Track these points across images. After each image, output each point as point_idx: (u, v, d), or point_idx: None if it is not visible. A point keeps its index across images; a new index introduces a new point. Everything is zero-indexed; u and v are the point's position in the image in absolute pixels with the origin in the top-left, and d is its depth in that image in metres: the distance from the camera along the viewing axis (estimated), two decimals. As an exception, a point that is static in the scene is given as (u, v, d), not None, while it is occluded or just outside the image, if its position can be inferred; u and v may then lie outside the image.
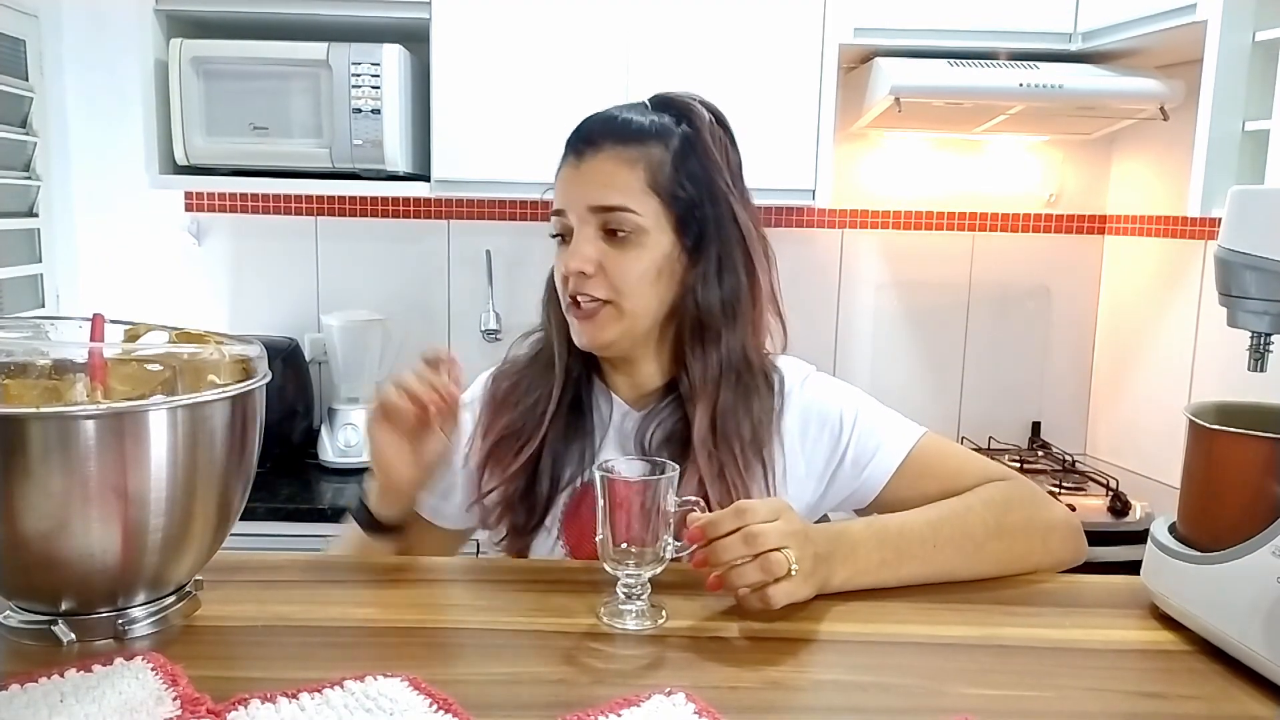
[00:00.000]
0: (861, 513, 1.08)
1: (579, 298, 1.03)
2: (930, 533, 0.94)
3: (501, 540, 1.09)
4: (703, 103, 1.08)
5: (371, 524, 1.04)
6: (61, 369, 0.82)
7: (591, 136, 1.04)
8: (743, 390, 1.06)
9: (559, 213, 1.05)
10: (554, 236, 1.07)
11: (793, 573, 0.82)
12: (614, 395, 1.11)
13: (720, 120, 1.08)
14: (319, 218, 2.42)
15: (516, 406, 1.09)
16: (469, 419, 1.11)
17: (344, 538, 1.07)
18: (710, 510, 0.86)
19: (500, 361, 1.16)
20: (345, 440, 2.23)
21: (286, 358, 2.23)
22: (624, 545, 0.83)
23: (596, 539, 0.84)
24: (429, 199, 2.39)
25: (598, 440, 1.09)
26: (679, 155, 1.04)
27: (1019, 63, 2.01)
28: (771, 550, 0.82)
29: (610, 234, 1.02)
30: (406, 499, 1.04)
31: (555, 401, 1.07)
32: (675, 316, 1.06)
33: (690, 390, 1.05)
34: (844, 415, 1.08)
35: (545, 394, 1.08)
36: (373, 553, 1.04)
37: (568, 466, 1.07)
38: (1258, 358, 0.80)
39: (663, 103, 1.08)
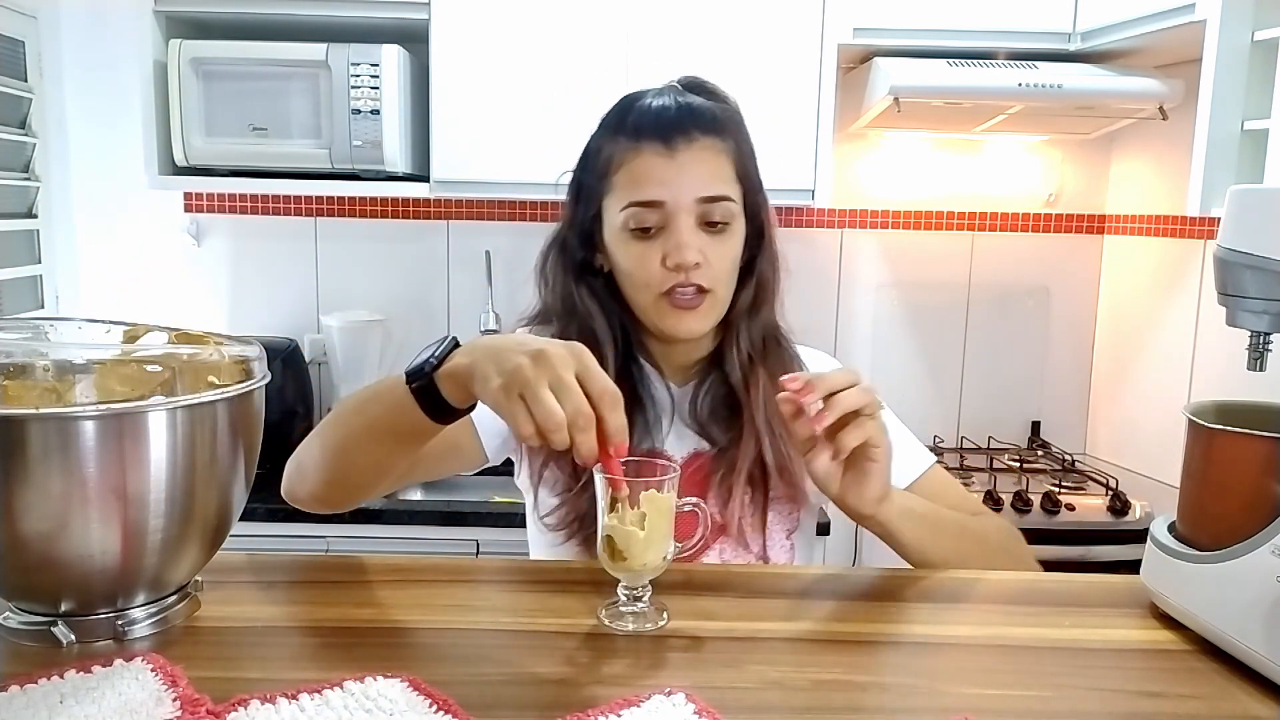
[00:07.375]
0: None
1: (681, 289, 1.01)
2: (933, 514, 1.02)
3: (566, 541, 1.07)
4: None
5: (436, 405, 0.84)
6: (61, 370, 0.82)
7: (682, 125, 1.01)
8: (778, 358, 1.10)
9: (652, 204, 1.01)
10: (633, 230, 1.02)
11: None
12: (658, 372, 1.11)
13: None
14: (318, 218, 2.42)
15: None
16: None
17: (370, 392, 0.91)
18: (709, 514, 0.86)
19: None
20: (345, 441, 2.22)
21: (286, 358, 2.23)
22: (624, 546, 0.82)
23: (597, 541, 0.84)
24: (428, 199, 2.39)
25: (662, 425, 1.08)
26: (746, 141, 1.07)
27: (1018, 62, 2.01)
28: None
29: (708, 225, 1.02)
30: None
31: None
32: None
33: (740, 357, 1.07)
34: None
35: None
36: (399, 424, 0.87)
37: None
38: (1257, 357, 0.80)
39: (700, 86, 1.08)
